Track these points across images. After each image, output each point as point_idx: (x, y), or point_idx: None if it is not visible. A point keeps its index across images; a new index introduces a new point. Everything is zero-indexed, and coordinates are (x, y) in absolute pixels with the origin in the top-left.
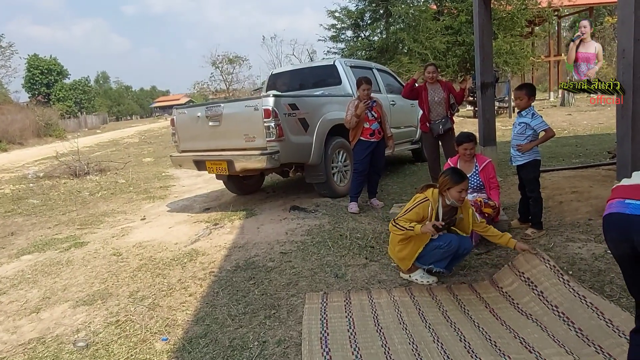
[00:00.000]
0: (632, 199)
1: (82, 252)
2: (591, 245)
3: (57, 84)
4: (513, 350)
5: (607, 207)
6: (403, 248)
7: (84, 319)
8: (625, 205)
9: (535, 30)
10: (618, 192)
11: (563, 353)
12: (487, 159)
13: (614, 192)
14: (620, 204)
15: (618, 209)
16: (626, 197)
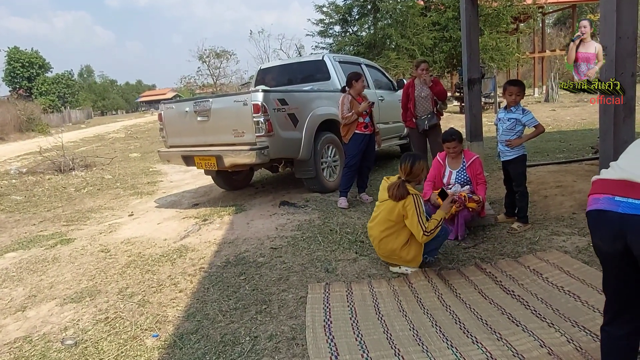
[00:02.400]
0: (623, 197)
1: (68, 249)
2: (575, 239)
3: (39, 78)
4: (502, 326)
5: (592, 202)
6: (409, 250)
7: (72, 316)
8: (616, 203)
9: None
10: (602, 187)
11: (545, 327)
12: (475, 155)
13: (595, 186)
14: (609, 200)
15: (608, 206)
16: (615, 194)
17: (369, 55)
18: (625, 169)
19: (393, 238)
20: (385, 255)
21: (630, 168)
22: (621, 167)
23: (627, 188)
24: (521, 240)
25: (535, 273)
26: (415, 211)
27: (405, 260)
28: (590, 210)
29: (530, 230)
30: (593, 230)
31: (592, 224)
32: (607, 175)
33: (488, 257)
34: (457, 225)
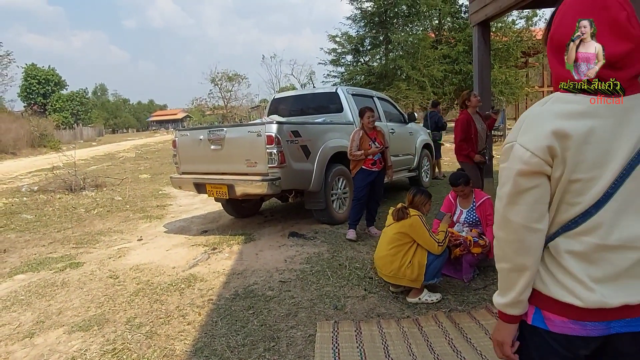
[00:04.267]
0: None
1: (77, 273)
2: None
3: (55, 95)
4: None
5: (565, 326)
6: (412, 269)
7: (80, 345)
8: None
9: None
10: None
11: None
12: (486, 196)
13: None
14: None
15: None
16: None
17: (380, 86)
18: None
19: (399, 256)
20: (391, 275)
21: None
22: None
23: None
24: None
25: None
26: (424, 227)
27: (410, 279)
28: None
29: None
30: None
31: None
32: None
33: None
34: (462, 269)
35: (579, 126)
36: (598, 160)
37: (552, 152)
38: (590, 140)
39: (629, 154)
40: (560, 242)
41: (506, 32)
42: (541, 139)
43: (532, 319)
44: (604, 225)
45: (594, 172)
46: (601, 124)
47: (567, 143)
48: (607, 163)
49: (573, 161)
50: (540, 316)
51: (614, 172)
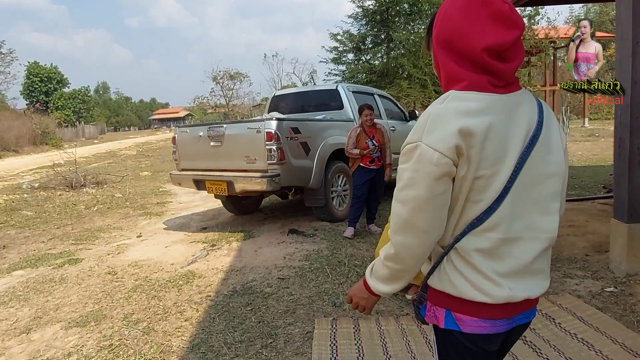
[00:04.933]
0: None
1: (76, 269)
2: (588, 283)
3: (57, 93)
4: None
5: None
6: None
7: (76, 341)
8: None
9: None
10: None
11: None
12: None
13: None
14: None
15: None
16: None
17: (381, 84)
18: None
19: None
20: None
21: None
22: None
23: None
24: None
25: (547, 318)
26: None
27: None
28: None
29: None
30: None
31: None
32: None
33: None
34: None
35: (480, 123)
36: (497, 156)
37: (459, 151)
38: (490, 137)
39: (521, 148)
40: (467, 241)
41: None
42: (448, 139)
43: (445, 323)
44: (506, 219)
45: (495, 168)
46: (497, 120)
47: (471, 141)
48: (504, 158)
49: (477, 158)
50: (452, 318)
51: (510, 166)
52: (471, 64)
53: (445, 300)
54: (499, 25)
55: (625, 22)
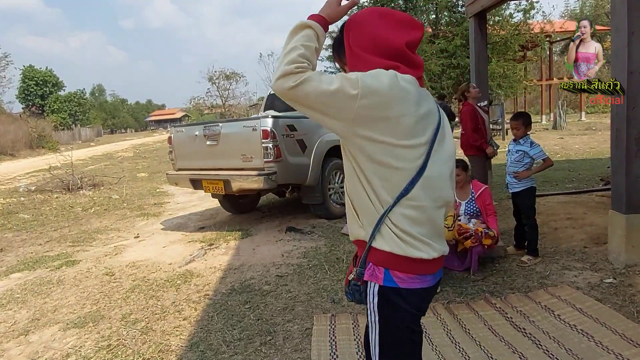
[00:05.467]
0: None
1: (73, 271)
2: (587, 274)
3: (52, 96)
4: None
5: (412, 281)
6: None
7: (75, 342)
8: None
9: (528, 55)
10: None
11: None
12: (484, 186)
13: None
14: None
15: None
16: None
17: None
18: None
19: None
20: None
21: None
22: None
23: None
24: (531, 274)
25: (546, 309)
26: None
27: None
28: (405, 287)
29: (541, 263)
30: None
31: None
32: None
33: (497, 291)
34: (470, 260)
35: (414, 90)
36: (418, 129)
37: (393, 91)
38: (417, 108)
39: (433, 129)
40: (398, 209)
41: (504, 26)
42: (390, 77)
43: (384, 280)
44: (425, 191)
45: (416, 140)
46: (420, 100)
47: (406, 96)
48: (424, 134)
49: (404, 123)
50: (390, 276)
51: (427, 143)
52: (397, 58)
53: (386, 259)
54: (409, 27)
55: (621, 13)
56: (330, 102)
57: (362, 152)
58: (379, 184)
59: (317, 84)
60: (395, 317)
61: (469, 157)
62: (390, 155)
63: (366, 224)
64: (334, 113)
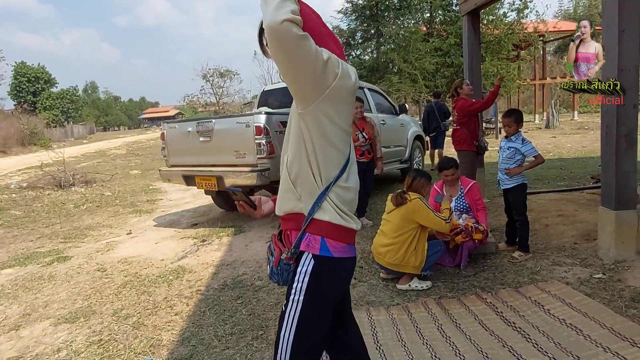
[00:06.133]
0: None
1: (65, 267)
2: (577, 270)
3: (45, 93)
4: (503, 359)
5: (343, 250)
6: (416, 255)
7: (66, 337)
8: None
9: (522, 54)
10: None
11: None
12: (472, 181)
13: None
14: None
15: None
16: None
17: (372, 79)
18: None
19: (405, 244)
20: (395, 264)
21: None
22: None
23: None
24: (522, 270)
25: (536, 304)
26: (428, 208)
27: (414, 266)
28: (340, 256)
29: (532, 259)
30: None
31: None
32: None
33: (489, 287)
34: (461, 255)
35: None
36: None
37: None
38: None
39: None
40: (334, 189)
41: (498, 25)
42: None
43: (320, 250)
44: (351, 175)
45: (349, 129)
46: None
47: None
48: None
49: (350, 114)
50: (326, 245)
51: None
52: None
53: (324, 228)
54: (333, 38)
55: (611, 10)
56: (320, 68)
57: (319, 129)
58: (324, 161)
59: (315, 46)
60: (325, 289)
61: (460, 152)
62: (339, 138)
63: (306, 197)
64: (317, 80)
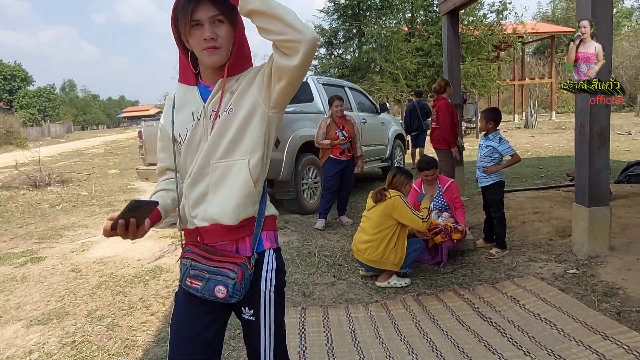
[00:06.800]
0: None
1: (38, 267)
2: (551, 265)
3: (21, 91)
4: (479, 354)
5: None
6: (396, 252)
7: (38, 339)
8: None
9: (501, 55)
10: None
11: (521, 355)
12: (450, 180)
13: None
14: None
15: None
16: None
17: (354, 78)
18: None
19: (384, 241)
20: (375, 260)
21: None
22: None
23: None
24: (499, 266)
25: (512, 300)
26: (406, 206)
27: (393, 263)
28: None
29: (508, 256)
30: None
31: None
32: None
33: (466, 283)
34: (441, 254)
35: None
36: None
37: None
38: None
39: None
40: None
41: (478, 26)
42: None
43: (275, 242)
44: None
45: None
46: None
47: None
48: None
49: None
50: (275, 237)
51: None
52: None
53: (272, 222)
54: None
55: (585, 8)
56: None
57: (275, 132)
58: (268, 160)
59: None
60: (284, 279)
61: (439, 151)
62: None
63: (259, 198)
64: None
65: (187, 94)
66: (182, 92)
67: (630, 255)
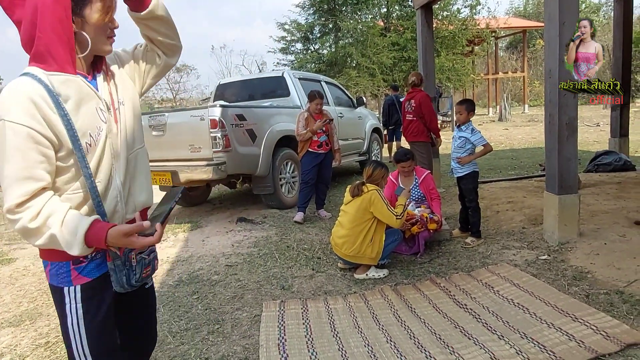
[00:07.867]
0: None
1: (9, 269)
2: (524, 252)
3: None
4: (455, 340)
5: None
6: (372, 247)
7: (10, 341)
8: None
9: (475, 50)
10: None
11: (495, 339)
12: (426, 171)
13: None
14: None
15: None
16: None
17: (330, 73)
18: None
19: (361, 235)
20: (351, 255)
21: None
22: None
23: None
24: (474, 255)
25: (487, 286)
26: (383, 201)
27: (370, 257)
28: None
29: (483, 244)
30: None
31: None
32: None
33: (443, 272)
34: (418, 245)
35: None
36: None
37: None
38: None
39: None
40: None
41: (452, 21)
42: None
43: None
44: None
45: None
46: None
47: None
48: None
49: None
50: None
51: None
52: None
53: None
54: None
55: (553, 3)
56: None
57: None
58: None
59: None
60: None
61: (416, 143)
62: None
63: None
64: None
65: (74, 86)
66: (62, 84)
67: (598, 241)
